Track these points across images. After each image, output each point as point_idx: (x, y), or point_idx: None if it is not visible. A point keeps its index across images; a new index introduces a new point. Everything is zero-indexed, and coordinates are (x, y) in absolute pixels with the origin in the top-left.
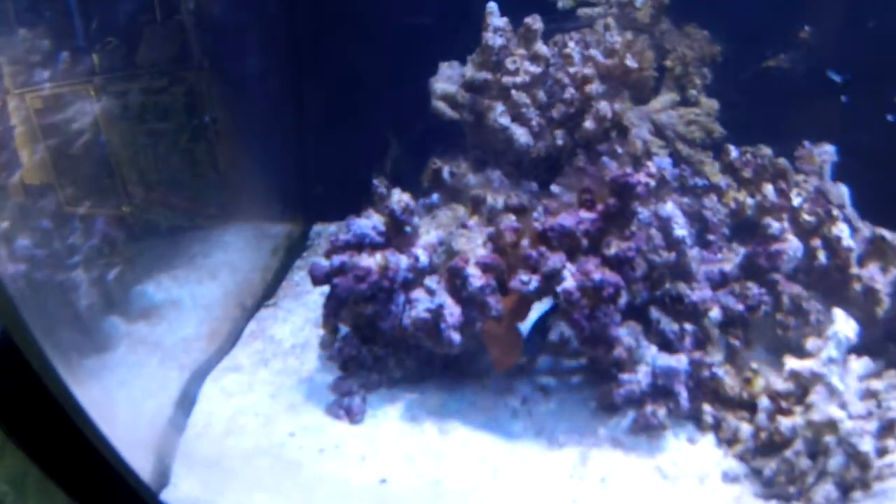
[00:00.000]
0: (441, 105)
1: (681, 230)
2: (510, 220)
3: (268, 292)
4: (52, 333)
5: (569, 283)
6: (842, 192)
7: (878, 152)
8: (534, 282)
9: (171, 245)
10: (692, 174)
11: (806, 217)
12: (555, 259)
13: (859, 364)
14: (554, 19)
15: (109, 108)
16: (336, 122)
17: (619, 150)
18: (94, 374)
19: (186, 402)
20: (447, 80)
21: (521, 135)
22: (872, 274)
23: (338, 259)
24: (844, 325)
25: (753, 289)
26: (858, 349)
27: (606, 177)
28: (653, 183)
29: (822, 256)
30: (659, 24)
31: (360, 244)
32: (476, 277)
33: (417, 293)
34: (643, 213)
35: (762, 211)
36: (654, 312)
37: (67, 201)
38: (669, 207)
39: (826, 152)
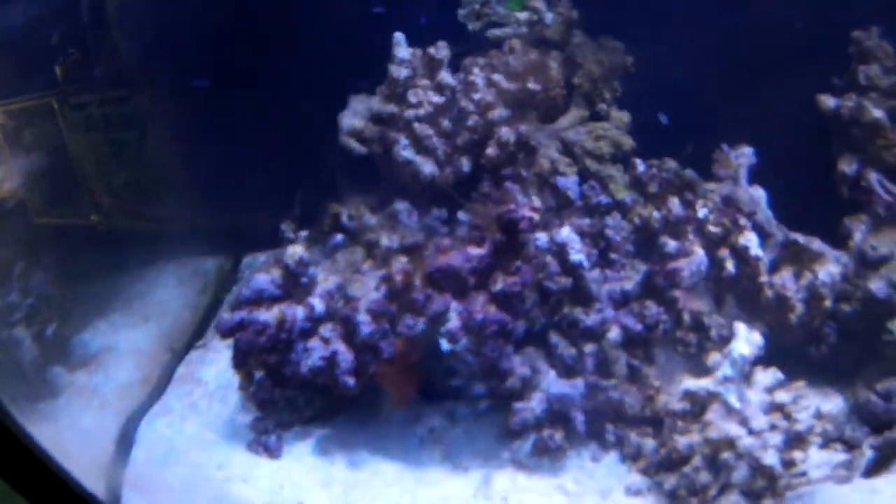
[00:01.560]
0: (349, 141)
1: (577, 255)
2: (401, 262)
3: (198, 332)
4: (2, 385)
5: (453, 323)
6: (757, 196)
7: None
8: (420, 324)
9: (108, 286)
10: (599, 191)
11: (712, 228)
12: (439, 302)
13: (766, 376)
14: (467, 41)
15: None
16: (264, 152)
17: (525, 173)
18: (44, 417)
19: (126, 442)
20: (355, 114)
21: (425, 166)
22: (784, 281)
23: (238, 315)
24: (742, 343)
25: (651, 308)
26: (774, 355)
27: (496, 211)
28: (536, 217)
29: (730, 267)
30: (571, 38)
31: (259, 299)
32: (366, 324)
33: (313, 342)
34: (540, 239)
35: (668, 225)
36: (554, 337)
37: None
38: (565, 233)
39: (743, 155)
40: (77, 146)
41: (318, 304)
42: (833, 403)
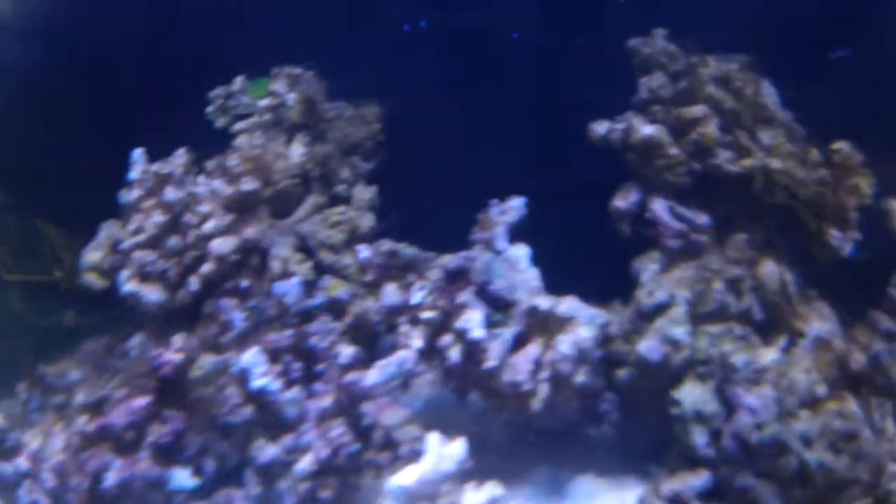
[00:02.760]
0: (89, 277)
1: (260, 380)
2: (83, 421)
3: None
4: None
5: (109, 482)
6: (514, 257)
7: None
8: (84, 482)
9: None
10: (314, 291)
11: (427, 315)
12: (96, 461)
13: (478, 495)
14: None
15: None
16: None
17: (246, 283)
18: None
19: None
20: (98, 246)
21: (151, 295)
22: (518, 362)
23: None
24: (405, 475)
25: (337, 428)
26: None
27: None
28: (177, 358)
29: (454, 355)
30: (322, 114)
31: None
32: (48, 481)
33: None
34: (198, 374)
35: (385, 317)
36: (247, 476)
37: None
38: (249, 357)
39: (508, 210)
40: None
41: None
42: None
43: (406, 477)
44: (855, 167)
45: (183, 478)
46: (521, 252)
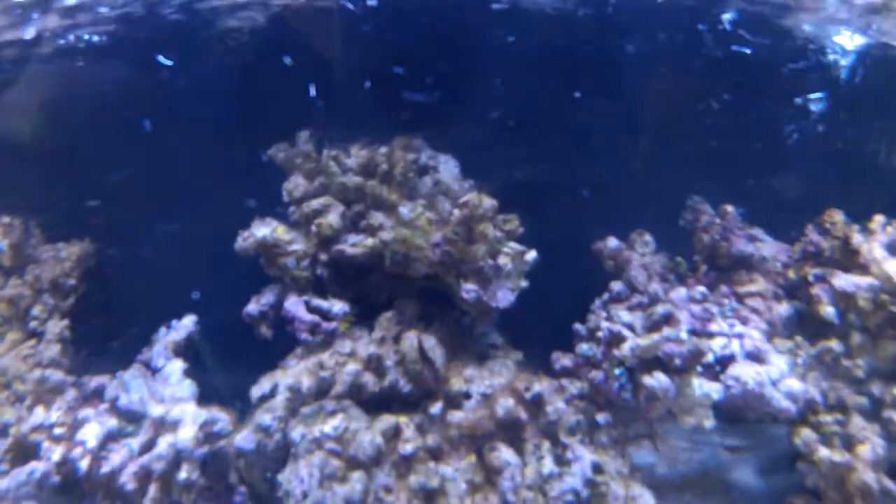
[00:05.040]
0: None
1: None
2: None
3: None
4: None
5: None
6: (167, 372)
7: None
8: None
9: None
10: None
11: (58, 431)
12: None
13: None
14: None
15: None
16: None
17: None
18: None
19: None
20: None
21: None
22: (129, 466)
23: None
24: None
25: None
26: None
27: None
28: None
29: (84, 464)
30: (34, 258)
31: None
32: None
33: None
34: None
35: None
36: None
37: None
38: None
39: (178, 328)
40: None
41: None
42: None
43: None
44: (480, 216)
45: None
46: (175, 367)
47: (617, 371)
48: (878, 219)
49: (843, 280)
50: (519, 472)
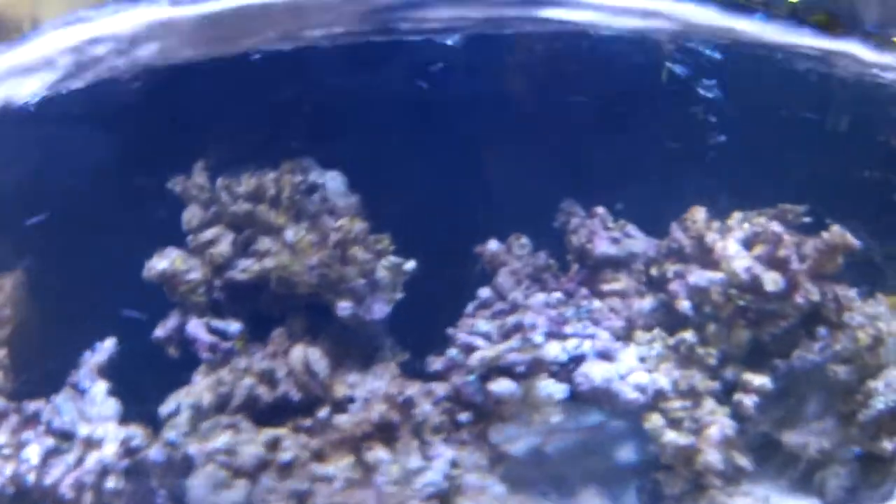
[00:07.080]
0: None
1: None
2: None
3: None
4: None
5: None
6: (93, 393)
7: None
8: None
9: None
10: None
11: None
12: None
13: None
14: None
15: None
16: None
17: None
18: None
19: None
20: None
21: None
22: (66, 479)
23: None
24: None
25: None
26: None
27: None
28: None
29: (31, 478)
30: None
31: None
32: None
33: None
34: None
35: None
36: None
37: None
38: None
39: (100, 350)
40: None
41: None
42: None
43: None
44: (352, 239)
45: None
46: (100, 388)
47: (470, 378)
48: (737, 215)
49: (697, 276)
50: (392, 468)
